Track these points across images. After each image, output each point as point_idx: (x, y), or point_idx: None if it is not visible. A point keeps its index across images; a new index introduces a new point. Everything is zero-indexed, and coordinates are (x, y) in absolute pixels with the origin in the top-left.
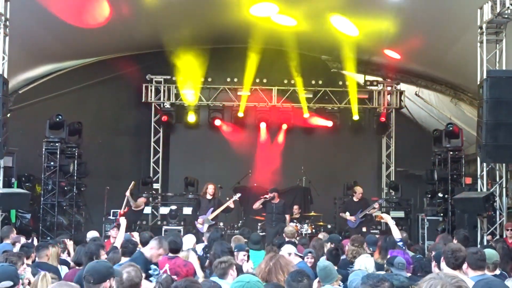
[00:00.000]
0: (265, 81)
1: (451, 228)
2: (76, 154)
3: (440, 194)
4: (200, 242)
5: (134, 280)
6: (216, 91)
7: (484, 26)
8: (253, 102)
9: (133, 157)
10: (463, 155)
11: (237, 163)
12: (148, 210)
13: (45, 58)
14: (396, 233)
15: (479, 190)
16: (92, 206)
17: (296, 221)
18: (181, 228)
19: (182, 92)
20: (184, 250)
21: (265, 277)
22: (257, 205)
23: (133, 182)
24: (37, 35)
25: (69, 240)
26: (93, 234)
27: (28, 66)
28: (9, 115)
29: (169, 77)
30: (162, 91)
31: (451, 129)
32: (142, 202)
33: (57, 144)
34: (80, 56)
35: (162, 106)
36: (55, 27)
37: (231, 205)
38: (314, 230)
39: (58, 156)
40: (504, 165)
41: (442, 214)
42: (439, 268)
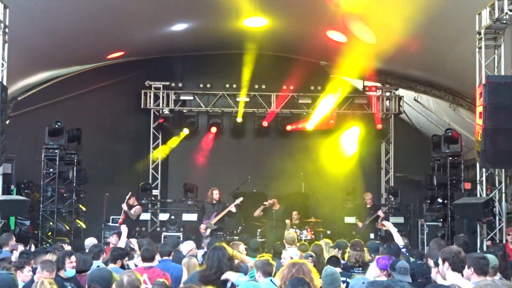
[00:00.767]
0: (264, 87)
1: (451, 233)
2: (75, 160)
3: (439, 200)
4: (200, 248)
5: (135, 283)
6: (215, 97)
7: (482, 31)
8: (252, 108)
9: (132, 163)
10: (462, 160)
11: (236, 169)
12: (147, 217)
13: (44, 64)
14: (398, 240)
15: (479, 196)
16: (91, 212)
17: (295, 227)
18: (180, 234)
19: (181, 98)
20: (185, 256)
21: None
22: (257, 212)
23: (129, 193)
24: (36, 42)
25: (67, 245)
26: (91, 241)
27: (27, 73)
28: (8, 122)
29: (168, 83)
30: (161, 97)
31: (450, 134)
32: (139, 210)
33: (56, 150)
34: (79, 62)
35: (161, 112)
36: (54, 34)
37: (233, 209)
38: (313, 236)
39: (57, 162)
40: (503, 170)
41: (441, 220)
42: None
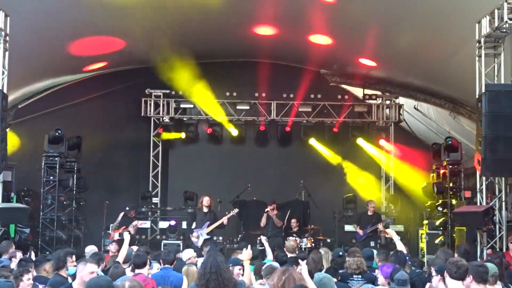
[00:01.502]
0: (264, 95)
1: (451, 242)
2: (75, 168)
3: (439, 208)
4: (200, 256)
5: None
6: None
7: (482, 40)
8: (252, 116)
9: (132, 171)
10: (462, 169)
11: (236, 177)
12: (147, 225)
13: (44, 73)
14: (401, 248)
15: (479, 204)
16: (91, 220)
17: (295, 235)
18: (180, 242)
19: (181, 106)
20: (185, 264)
21: None
22: (263, 221)
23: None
24: (36, 50)
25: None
26: (91, 248)
27: (27, 81)
28: (8, 130)
29: (168, 91)
30: (161, 105)
31: (450, 142)
32: (136, 224)
33: (56, 158)
34: (79, 71)
35: (161, 120)
36: (55, 42)
37: (225, 222)
38: (313, 244)
39: (57, 170)
40: (503, 178)
41: (441, 228)
42: (445, 282)
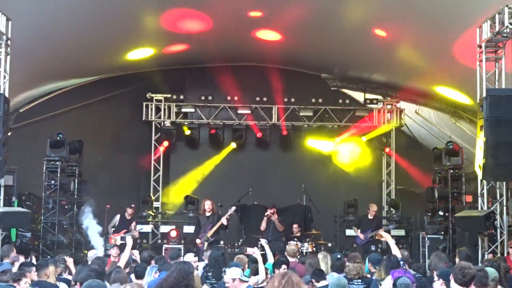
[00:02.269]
0: (265, 99)
1: (452, 246)
2: (76, 172)
3: (440, 212)
4: (201, 260)
5: None
6: (216, 110)
7: (483, 44)
8: (253, 121)
9: (133, 175)
10: (464, 173)
11: (237, 182)
12: (148, 229)
13: (46, 77)
14: (396, 252)
15: (480, 208)
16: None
17: (296, 239)
18: (181, 246)
19: (182, 110)
20: None
21: None
22: (263, 225)
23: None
24: (38, 54)
25: (69, 257)
26: (94, 253)
27: (29, 85)
28: (10, 134)
29: (169, 95)
30: (163, 110)
31: (451, 147)
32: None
33: (57, 162)
34: (81, 75)
35: (162, 125)
36: (56, 46)
37: (224, 222)
38: (314, 249)
39: (58, 174)
40: (504, 183)
41: (443, 233)
42: (448, 286)
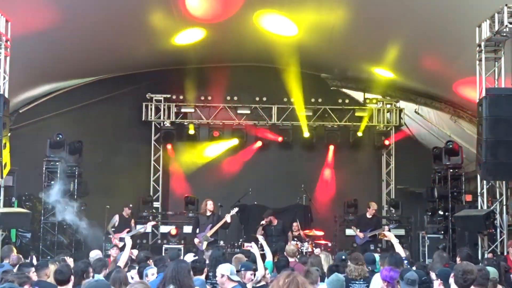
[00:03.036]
0: (264, 99)
1: (452, 246)
2: (76, 173)
3: (440, 212)
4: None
5: None
6: (216, 110)
7: (482, 44)
8: (253, 121)
9: (133, 176)
10: (463, 173)
11: (237, 182)
12: (148, 229)
13: (45, 77)
14: (400, 251)
15: (480, 208)
16: (92, 225)
17: (296, 239)
18: (181, 247)
19: (182, 110)
20: None
21: None
22: (259, 233)
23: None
24: (37, 55)
25: (69, 257)
26: (96, 253)
27: (28, 86)
28: (9, 135)
29: (169, 95)
30: (162, 110)
31: (451, 146)
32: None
33: (57, 163)
34: (80, 75)
35: (162, 125)
36: (56, 47)
37: (228, 219)
38: (314, 249)
39: (58, 175)
40: (504, 182)
41: (442, 232)
42: (445, 286)
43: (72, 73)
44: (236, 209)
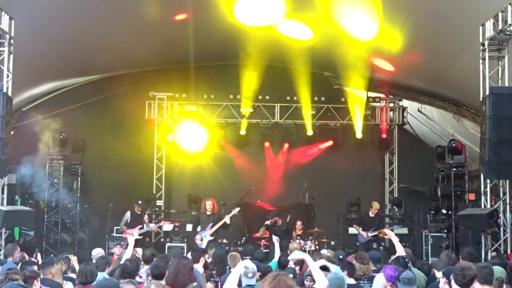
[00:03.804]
0: (267, 98)
1: (455, 244)
2: (79, 171)
3: (443, 211)
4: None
5: None
6: (219, 108)
7: (486, 43)
8: (256, 119)
9: (136, 174)
10: (466, 171)
11: (240, 180)
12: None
13: (49, 76)
14: (400, 250)
15: (483, 207)
16: (95, 223)
17: (299, 238)
18: (184, 245)
19: (185, 109)
20: None
21: None
22: (261, 232)
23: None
24: (41, 53)
25: (73, 256)
26: (98, 251)
27: (31, 84)
28: (12, 133)
29: (171, 94)
30: (165, 108)
31: (454, 145)
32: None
33: (60, 161)
34: (84, 73)
35: (165, 123)
36: (59, 46)
37: (228, 220)
38: (317, 247)
39: (61, 173)
40: (507, 181)
41: (446, 231)
42: (450, 285)
43: (75, 71)
44: (237, 209)
